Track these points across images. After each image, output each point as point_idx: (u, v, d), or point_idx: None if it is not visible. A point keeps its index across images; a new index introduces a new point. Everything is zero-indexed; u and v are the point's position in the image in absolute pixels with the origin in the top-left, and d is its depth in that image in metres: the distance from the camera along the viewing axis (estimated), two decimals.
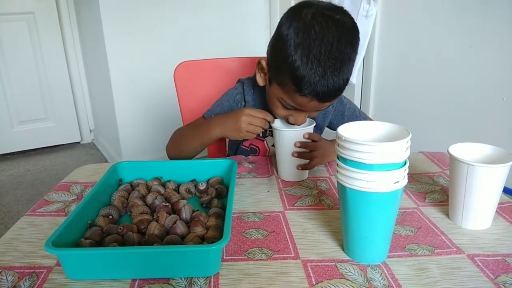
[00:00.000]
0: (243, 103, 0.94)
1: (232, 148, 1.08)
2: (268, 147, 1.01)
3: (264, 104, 0.92)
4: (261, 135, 0.98)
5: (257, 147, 1.00)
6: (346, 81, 0.75)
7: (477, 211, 0.63)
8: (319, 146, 0.81)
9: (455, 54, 1.58)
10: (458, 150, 0.64)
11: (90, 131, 2.81)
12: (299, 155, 0.79)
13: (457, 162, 0.62)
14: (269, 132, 0.98)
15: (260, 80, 0.87)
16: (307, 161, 0.81)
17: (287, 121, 0.83)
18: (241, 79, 0.99)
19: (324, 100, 0.75)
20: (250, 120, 0.80)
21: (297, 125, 0.82)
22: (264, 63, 0.83)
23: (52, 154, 2.59)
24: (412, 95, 1.83)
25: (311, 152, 0.80)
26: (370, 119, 1.05)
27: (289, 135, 0.79)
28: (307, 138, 0.79)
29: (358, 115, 1.04)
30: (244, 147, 1.01)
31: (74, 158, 2.53)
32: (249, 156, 0.95)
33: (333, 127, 1.03)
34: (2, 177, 2.27)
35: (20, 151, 2.59)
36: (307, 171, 0.82)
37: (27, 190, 2.05)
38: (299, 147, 0.79)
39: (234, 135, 0.82)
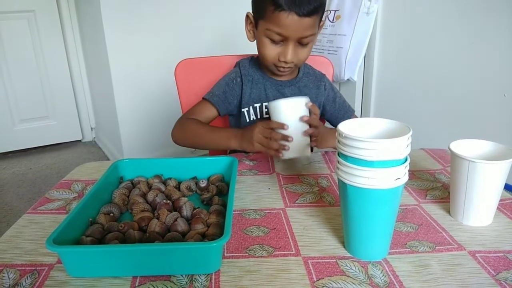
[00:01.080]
0: (239, 79, 0.99)
1: None
2: None
3: (259, 76, 0.99)
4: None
5: None
6: None
7: (478, 208, 0.62)
8: (319, 128, 0.81)
9: (457, 51, 1.58)
10: (459, 146, 0.64)
11: (92, 129, 2.81)
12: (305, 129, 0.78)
13: (458, 158, 0.62)
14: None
15: (249, 36, 0.95)
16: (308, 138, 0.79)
17: (278, 61, 0.89)
18: (237, 62, 1.05)
19: (302, 10, 0.81)
20: (261, 132, 0.79)
21: (287, 61, 0.88)
22: (249, 13, 0.93)
23: (53, 153, 2.60)
24: (413, 92, 1.82)
25: (315, 129, 0.79)
26: (356, 117, 1.06)
27: (288, 105, 0.77)
28: (310, 107, 0.79)
29: (348, 109, 1.06)
30: None
31: (75, 156, 2.53)
32: (251, 153, 0.95)
33: (326, 113, 1.06)
34: (4, 175, 2.28)
35: (21, 149, 2.59)
36: (309, 147, 0.81)
37: (29, 188, 2.06)
38: (303, 121, 0.77)
39: (249, 147, 0.82)
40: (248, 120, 1.00)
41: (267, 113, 0.99)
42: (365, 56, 2.02)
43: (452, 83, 1.62)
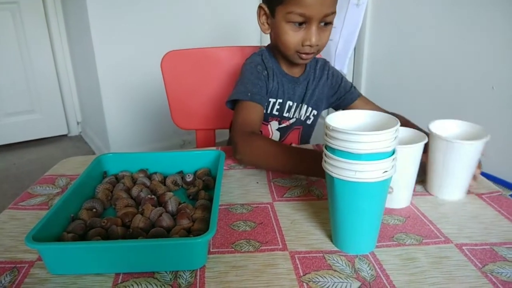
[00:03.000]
0: (265, 72, 0.93)
1: None
2: (272, 131, 1.00)
3: (277, 71, 0.94)
4: (264, 119, 0.97)
5: (260, 131, 0.97)
6: None
7: (452, 183, 0.68)
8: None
9: (447, 43, 1.58)
10: (438, 126, 0.68)
11: (78, 124, 2.76)
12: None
13: (437, 138, 0.65)
14: (270, 118, 0.98)
15: (263, 28, 0.91)
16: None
17: (302, 46, 0.85)
18: (256, 52, 0.99)
19: None
20: None
21: (313, 45, 0.84)
22: (262, 4, 0.89)
23: (38, 147, 2.55)
24: (403, 84, 1.83)
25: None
26: (365, 98, 1.05)
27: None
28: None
29: (353, 92, 1.03)
30: None
31: (61, 151, 2.49)
32: None
33: (332, 99, 1.04)
34: None
35: (5, 144, 2.54)
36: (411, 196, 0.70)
37: (12, 184, 2.02)
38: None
39: None
40: None
41: (278, 110, 0.97)
42: (355, 49, 2.01)
43: (441, 75, 1.62)
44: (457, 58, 1.54)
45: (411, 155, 0.63)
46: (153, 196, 0.64)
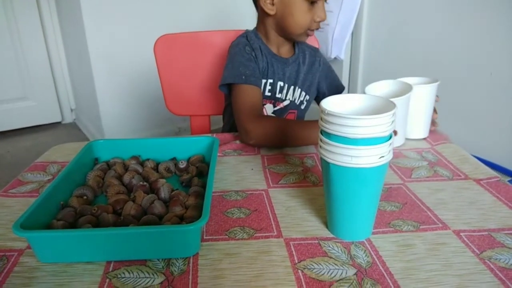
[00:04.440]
0: (253, 53, 0.94)
1: (228, 122, 1.06)
2: (267, 114, 0.99)
3: (266, 52, 0.96)
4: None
5: None
6: None
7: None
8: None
9: (444, 29, 1.56)
10: (375, 88, 0.79)
11: (71, 111, 2.73)
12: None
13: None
14: (264, 100, 0.98)
15: (269, 8, 0.91)
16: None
17: (313, 23, 0.90)
18: (241, 34, 1.00)
19: None
20: None
21: (323, 20, 0.90)
22: None
23: (32, 135, 2.52)
24: (400, 70, 1.81)
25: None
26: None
27: (426, 90, 0.82)
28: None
29: (339, 84, 1.09)
30: None
31: (55, 138, 2.46)
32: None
33: (320, 89, 1.07)
34: None
35: None
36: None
37: (7, 172, 2.00)
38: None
39: None
40: None
41: (270, 90, 0.97)
42: (352, 34, 1.99)
43: (439, 62, 1.60)
44: (456, 43, 1.53)
45: (428, 94, 0.82)
46: (145, 183, 0.63)
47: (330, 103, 0.52)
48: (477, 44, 1.45)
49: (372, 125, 0.46)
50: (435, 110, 0.87)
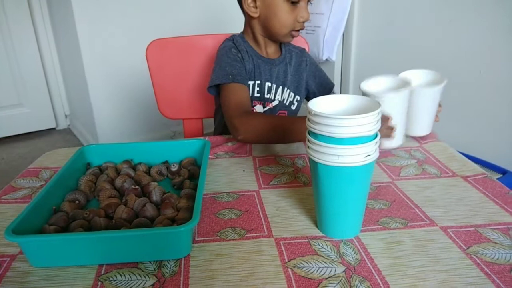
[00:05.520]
0: (240, 54, 0.96)
1: (220, 125, 1.07)
2: None
3: (252, 54, 0.97)
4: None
5: None
6: None
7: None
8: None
9: (435, 28, 1.58)
10: (370, 84, 0.75)
11: (66, 117, 2.73)
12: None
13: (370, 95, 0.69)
14: (254, 101, 0.99)
15: (252, 12, 0.93)
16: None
17: (297, 23, 0.91)
18: (227, 38, 1.02)
19: None
20: None
21: (306, 20, 0.91)
22: None
23: (27, 141, 2.51)
24: (392, 70, 1.82)
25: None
26: (334, 93, 1.09)
27: (428, 92, 0.79)
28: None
29: (328, 82, 1.09)
30: None
31: (50, 145, 2.46)
32: (230, 136, 0.93)
33: (309, 88, 1.08)
34: None
35: None
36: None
37: (1, 179, 1.99)
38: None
39: None
40: None
41: (259, 91, 0.98)
42: (343, 35, 2.00)
43: (430, 61, 1.62)
44: (445, 43, 1.54)
45: (431, 95, 0.78)
46: (137, 187, 0.63)
47: (317, 104, 0.53)
48: (467, 42, 1.46)
49: (357, 124, 0.47)
50: (439, 104, 0.84)
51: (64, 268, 0.50)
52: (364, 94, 0.71)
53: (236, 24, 2.26)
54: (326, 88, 1.08)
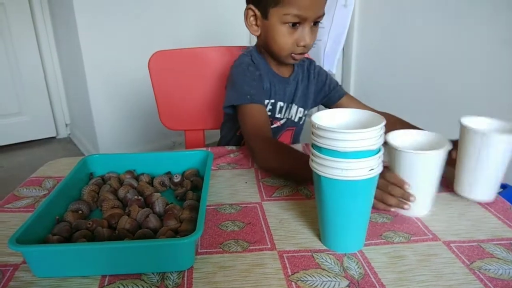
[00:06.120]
0: (258, 73, 0.92)
1: (226, 136, 1.05)
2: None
3: (268, 71, 0.93)
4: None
5: None
6: None
7: (485, 182, 0.65)
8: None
9: (434, 41, 1.59)
10: (468, 122, 0.64)
11: (66, 126, 2.73)
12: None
13: (471, 132, 0.62)
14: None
15: (253, 30, 0.90)
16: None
17: (296, 47, 0.86)
18: (243, 50, 0.98)
19: None
20: (379, 184, 0.57)
21: (307, 45, 0.86)
22: (251, 5, 0.88)
23: (27, 150, 2.51)
24: (392, 83, 1.84)
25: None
26: (350, 97, 1.05)
27: (426, 159, 0.60)
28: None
29: (339, 89, 1.04)
30: (240, 134, 0.98)
31: (50, 154, 2.46)
32: (234, 147, 0.93)
33: (319, 98, 1.05)
34: None
35: None
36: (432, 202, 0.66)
37: (2, 188, 1.99)
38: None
39: None
40: None
41: (270, 110, 0.95)
42: (343, 49, 2.02)
43: (431, 74, 1.63)
44: (445, 55, 1.56)
45: (433, 161, 0.59)
46: (140, 197, 0.63)
47: (320, 117, 0.53)
48: (468, 54, 1.48)
49: (361, 138, 0.48)
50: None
51: (67, 278, 0.50)
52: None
53: (239, 37, 2.28)
54: (337, 94, 1.03)
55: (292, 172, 0.74)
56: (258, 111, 0.87)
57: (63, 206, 0.62)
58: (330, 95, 1.03)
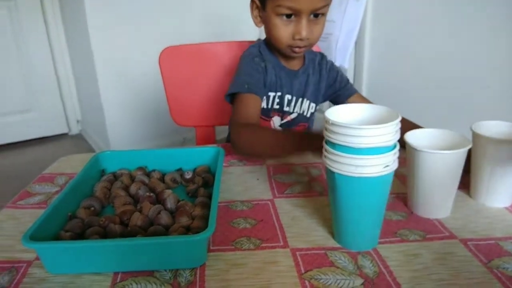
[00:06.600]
0: (263, 64, 0.91)
1: None
2: (275, 127, 0.99)
3: (275, 64, 0.93)
4: (266, 114, 0.96)
5: None
6: None
7: (501, 188, 0.63)
8: None
9: (447, 36, 1.57)
10: (480, 127, 0.63)
11: (77, 122, 2.76)
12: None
13: (483, 138, 0.60)
14: (272, 113, 0.97)
15: (256, 22, 0.91)
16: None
17: (293, 40, 0.84)
18: (253, 44, 0.98)
19: None
20: None
21: (303, 38, 0.83)
22: None
23: (39, 146, 2.54)
24: (405, 78, 1.81)
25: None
26: (360, 96, 1.04)
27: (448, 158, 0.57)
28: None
29: (350, 88, 1.03)
30: None
31: (62, 150, 2.48)
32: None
33: (328, 93, 1.03)
34: None
35: (4, 144, 2.52)
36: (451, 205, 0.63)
37: (13, 185, 2.01)
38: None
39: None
40: None
41: (278, 103, 0.95)
42: (356, 43, 2.00)
43: (443, 69, 1.61)
44: (459, 50, 1.53)
45: (454, 161, 0.57)
46: (151, 194, 0.63)
47: (334, 112, 0.52)
48: (480, 51, 1.45)
49: (376, 134, 0.46)
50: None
51: (80, 275, 0.50)
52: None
53: (248, 31, 2.26)
54: (347, 92, 1.01)
55: (275, 144, 0.75)
56: (252, 101, 0.87)
57: (75, 202, 0.62)
58: (340, 92, 1.02)
